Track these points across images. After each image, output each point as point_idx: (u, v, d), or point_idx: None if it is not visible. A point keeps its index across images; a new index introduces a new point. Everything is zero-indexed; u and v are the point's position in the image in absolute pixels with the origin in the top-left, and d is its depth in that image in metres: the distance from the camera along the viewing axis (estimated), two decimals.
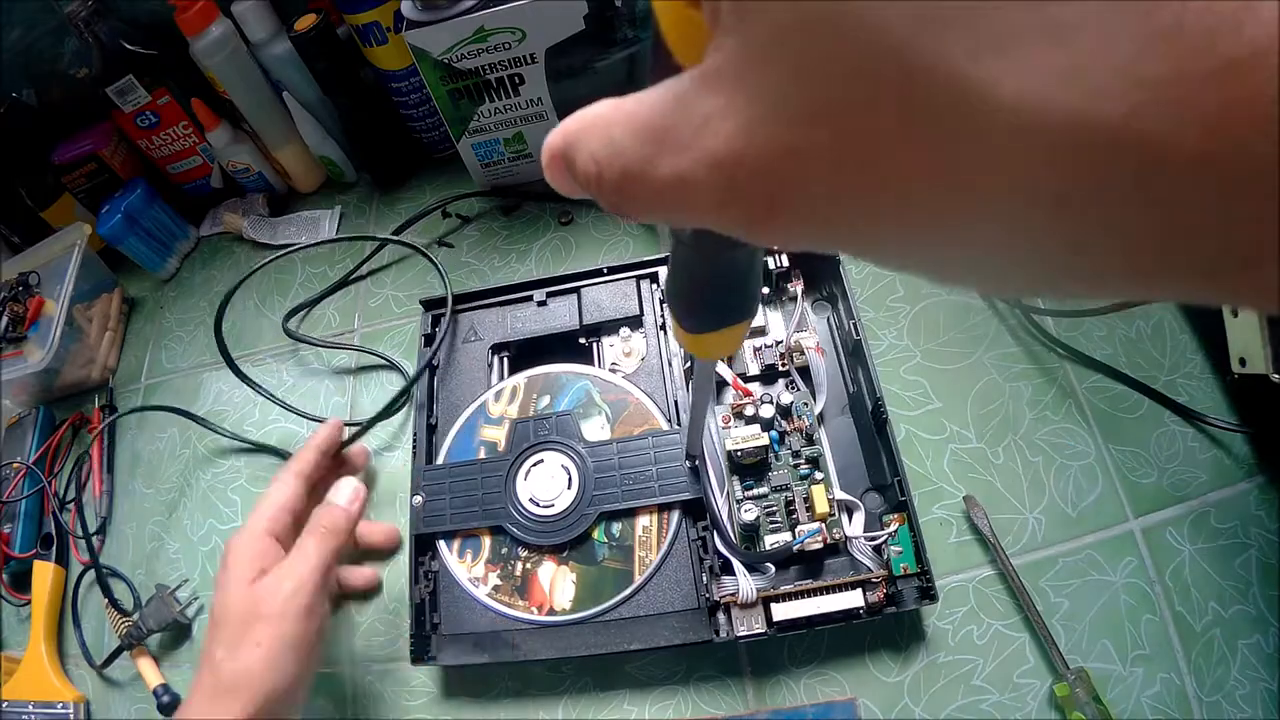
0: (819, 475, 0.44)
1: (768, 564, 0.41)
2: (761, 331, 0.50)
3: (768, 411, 0.45)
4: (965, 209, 0.10)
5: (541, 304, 0.51)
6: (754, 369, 0.49)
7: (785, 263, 0.49)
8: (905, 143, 0.10)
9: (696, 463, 0.42)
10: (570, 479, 0.44)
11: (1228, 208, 0.08)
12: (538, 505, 0.44)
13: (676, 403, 0.46)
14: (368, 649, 0.47)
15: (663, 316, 0.49)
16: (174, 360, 0.63)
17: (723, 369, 0.47)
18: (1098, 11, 0.08)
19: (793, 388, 0.47)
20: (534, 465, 0.45)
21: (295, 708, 0.36)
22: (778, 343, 0.49)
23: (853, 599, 0.39)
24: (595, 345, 0.50)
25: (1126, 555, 0.42)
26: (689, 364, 0.46)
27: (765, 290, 0.51)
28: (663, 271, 0.50)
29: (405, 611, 0.44)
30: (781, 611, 0.39)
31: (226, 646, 0.36)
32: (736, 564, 0.41)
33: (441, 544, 0.45)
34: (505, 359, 0.51)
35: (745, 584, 0.40)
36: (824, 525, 0.41)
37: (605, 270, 0.51)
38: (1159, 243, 0.09)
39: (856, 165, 0.10)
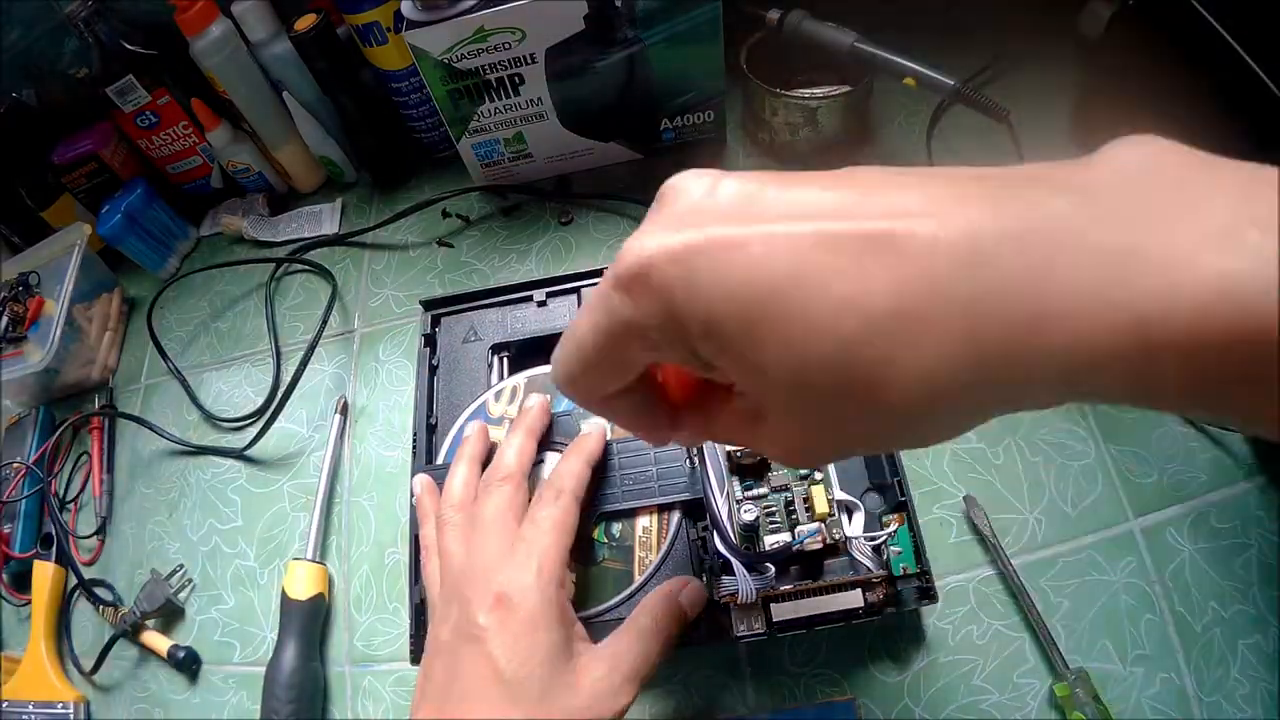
0: (819, 475, 0.44)
1: (767, 564, 0.41)
2: None
3: None
4: None
5: (542, 304, 0.51)
6: None
7: None
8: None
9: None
10: None
11: None
12: None
13: None
14: (368, 649, 0.47)
15: None
16: (174, 360, 0.63)
17: None
18: None
19: None
20: (534, 465, 0.45)
21: None
22: None
23: (852, 599, 0.39)
24: None
25: (1126, 555, 0.42)
26: None
27: None
28: None
29: (405, 611, 0.44)
30: (781, 612, 0.39)
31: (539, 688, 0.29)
32: (736, 564, 0.41)
33: None
34: (505, 359, 0.51)
35: (745, 584, 0.40)
36: (824, 525, 0.41)
37: (605, 271, 0.51)
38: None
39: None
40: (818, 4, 0.56)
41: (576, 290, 0.51)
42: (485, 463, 0.40)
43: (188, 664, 0.49)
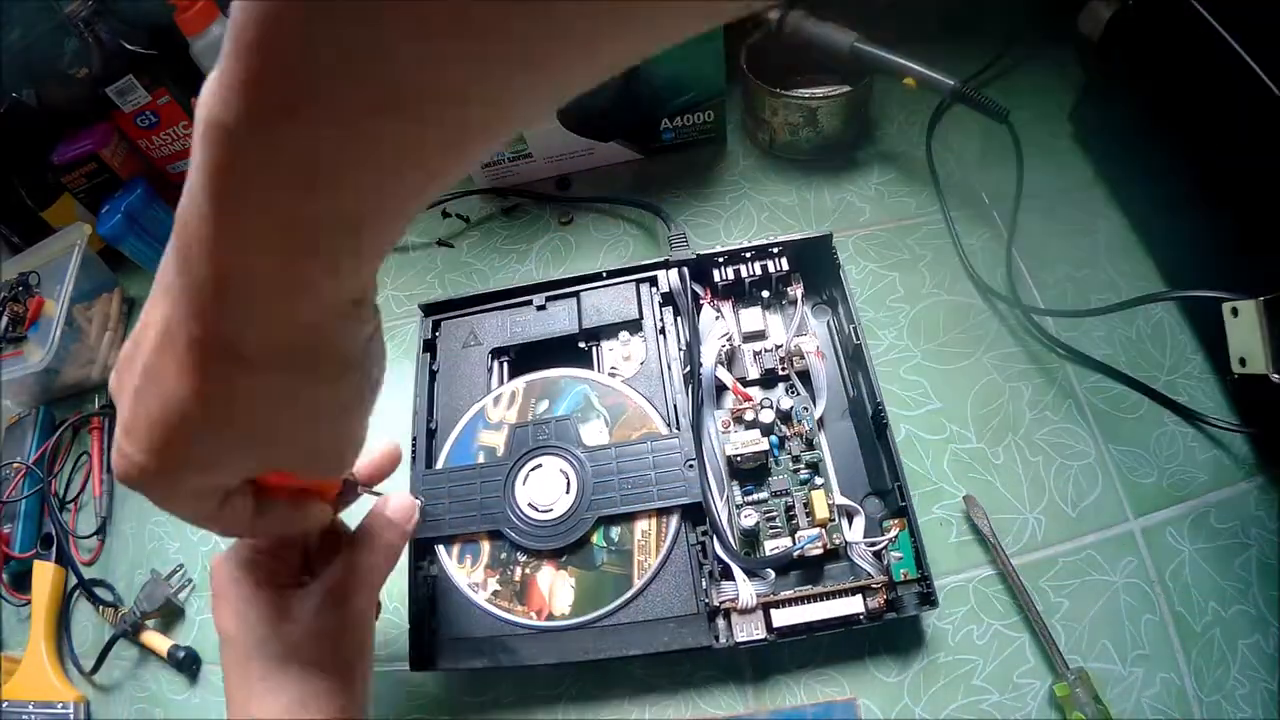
0: (819, 480, 0.44)
1: (768, 569, 0.41)
2: (761, 335, 0.50)
3: (767, 416, 0.45)
4: None
5: (541, 308, 0.51)
6: (754, 373, 0.49)
7: (785, 266, 0.49)
8: None
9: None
10: (569, 483, 0.44)
11: None
12: (536, 510, 0.44)
13: (675, 406, 0.46)
14: None
15: (661, 320, 0.49)
16: None
17: (723, 373, 0.47)
18: None
19: (793, 392, 0.47)
20: (533, 470, 0.45)
21: None
22: (777, 347, 0.49)
23: (853, 605, 0.39)
24: (594, 349, 0.50)
25: (1126, 555, 0.42)
26: (687, 369, 0.46)
27: (765, 294, 0.51)
28: (662, 275, 0.50)
29: (405, 612, 0.44)
30: (781, 617, 0.39)
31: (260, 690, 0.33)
32: (736, 569, 0.41)
33: (440, 549, 0.45)
34: (505, 363, 0.51)
35: (745, 590, 0.40)
36: (824, 530, 0.41)
37: (605, 274, 0.51)
38: None
39: None
40: (818, 4, 0.56)
41: (575, 294, 0.51)
42: None
43: (188, 664, 0.49)
